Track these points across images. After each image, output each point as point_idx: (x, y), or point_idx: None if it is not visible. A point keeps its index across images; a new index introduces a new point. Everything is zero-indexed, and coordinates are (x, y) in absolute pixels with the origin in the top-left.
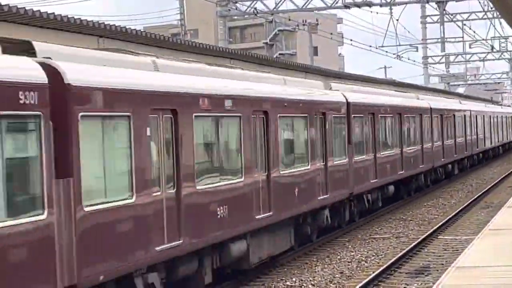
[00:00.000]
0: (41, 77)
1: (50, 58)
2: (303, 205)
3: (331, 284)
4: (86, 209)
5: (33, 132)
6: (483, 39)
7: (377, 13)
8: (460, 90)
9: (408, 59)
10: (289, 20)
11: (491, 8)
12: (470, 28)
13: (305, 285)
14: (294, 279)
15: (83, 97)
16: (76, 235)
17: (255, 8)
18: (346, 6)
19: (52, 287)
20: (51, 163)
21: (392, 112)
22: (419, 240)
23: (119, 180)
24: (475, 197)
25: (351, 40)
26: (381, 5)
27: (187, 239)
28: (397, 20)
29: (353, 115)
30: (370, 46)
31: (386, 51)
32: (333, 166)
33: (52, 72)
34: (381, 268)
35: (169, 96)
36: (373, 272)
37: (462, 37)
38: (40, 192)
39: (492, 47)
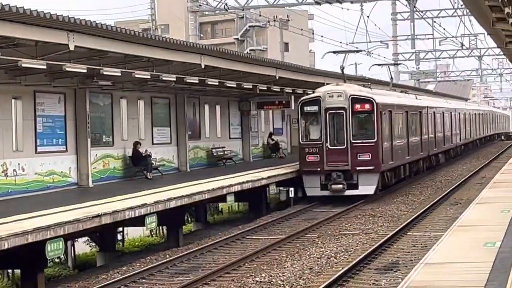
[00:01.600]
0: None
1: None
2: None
3: (301, 280)
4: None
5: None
6: (453, 37)
7: (347, 9)
8: (430, 87)
9: (379, 55)
10: (260, 16)
11: (461, 6)
12: (440, 26)
13: (274, 281)
14: (263, 275)
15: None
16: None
17: (226, 4)
18: (317, 3)
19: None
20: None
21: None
22: (388, 236)
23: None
24: (444, 193)
25: (322, 36)
26: (352, 2)
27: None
28: (368, 17)
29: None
30: (341, 43)
31: (357, 48)
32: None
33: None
34: (350, 264)
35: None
36: (342, 268)
37: (432, 34)
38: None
39: (462, 45)
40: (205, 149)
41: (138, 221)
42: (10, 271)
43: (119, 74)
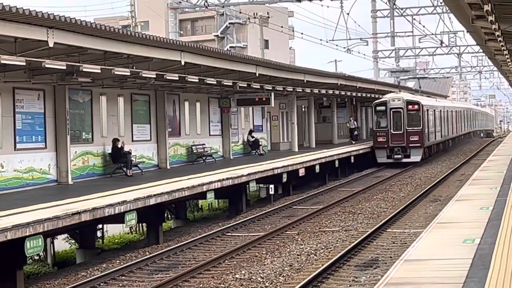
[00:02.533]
0: (419, 103)
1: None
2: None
3: (281, 277)
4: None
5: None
6: (432, 34)
7: (328, 7)
8: (410, 84)
9: (358, 53)
10: (240, 13)
11: (441, 3)
12: (419, 23)
13: (254, 277)
14: (243, 272)
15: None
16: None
17: (206, 1)
18: (297, 0)
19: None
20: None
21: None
22: (368, 233)
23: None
24: (424, 190)
25: (302, 33)
26: None
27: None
28: (348, 14)
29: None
30: (321, 40)
31: (337, 45)
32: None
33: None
34: (330, 261)
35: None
36: (322, 265)
37: (412, 31)
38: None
39: (441, 42)
40: (185, 146)
41: (118, 218)
42: None
43: (99, 71)
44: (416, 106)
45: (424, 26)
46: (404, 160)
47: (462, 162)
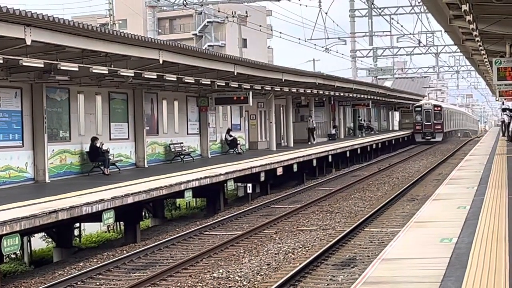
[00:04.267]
0: (441, 106)
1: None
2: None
3: (258, 276)
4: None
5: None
6: (410, 34)
7: (306, 6)
8: (388, 83)
9: (337, 52)
10: (219, 11)
11: (419, 3)
12: (398, 23)
13: (232, 276)
14: (221, 271)
15: (444, 109)
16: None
17: None
18: None
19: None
20: (444, 117)
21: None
22: (345, 232)
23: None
24: (401, 190)
25: (281, 32)
26: None
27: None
28: (326, 13)
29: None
30: (299, 39)
31: (315, 44)
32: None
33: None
34: (308, 260)
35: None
36: (300, 264)
37: (390, 31)
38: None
39: (419, 42)
40: (163, 145)
41: (95, 217)
42: None
43: (77, 69)
44: (439, 108)
45: (402, 26)
46: (432, 140)
47: (440, 161)
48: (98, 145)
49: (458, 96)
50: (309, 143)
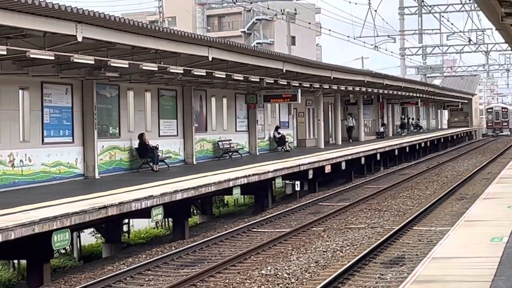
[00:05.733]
0: (508, 108)
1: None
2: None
3: (306, 273)
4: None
5: None
6: (460, 31)
7: (355, 3)
8: (437, 82)
9: (386, 50)
10: (268, 9)
11: (469, 1)
12: (448, 20)
13: (280, 273)
14: (269, 268)
15: (510, 110)
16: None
17: None
18: None
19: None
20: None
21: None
22: (394, 230)
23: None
24: (450, 188)
25: (329, 30)
26: None
27: None
28: (375, 11)
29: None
30: (348, 37)
31: (364, 42)
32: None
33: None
34: (356, 258)
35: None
36: (348, 262)
37: (440, 29)
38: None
39: (469, 40)
40: (211, 142)
41: (144, 213)
42: (16, 261)
43: (127, 66)
44: (505, 109)
45: (452, 24)
46: (500, 134)
47: (489, 160)
48: (146, 141)
49: (508, 94)
50: (350, 141)
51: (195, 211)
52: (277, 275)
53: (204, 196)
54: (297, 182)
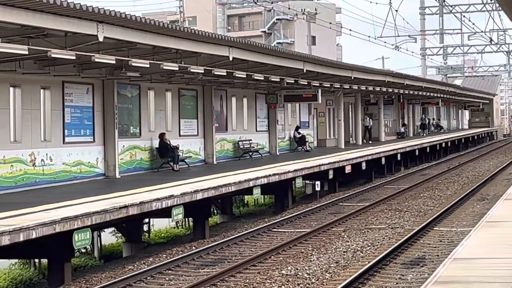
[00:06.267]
0: None
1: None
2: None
3: (327, 274)
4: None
5: None
6: (481, 31)
7: (376, 3)
8: (458, 82)
9: (406, 50)
10: (288, 9)
11: (491, 0)
12: (469, 20)
13: (300, 274)
14: (289, 268)
15: None
16: None
17: None
18: None
19: None
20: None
21: None
22: (414, 231)
23: None
24: (471, 189)
25: (350, 30)
26: None
27: None
28: (396, 11)
29: None
30: (369, 37)
31: (385, 42)
32: None
33: None
34: (377, 259)
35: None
36: (369, 262)
37: (461, 29)
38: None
39: (491, 40)
40: (231, 142)
41: (165, 213)
42: (37, 260)
43: (147, 66)
44: None
45: (473, 24)
46: None
47: (510, 161)
48: (167, 141)
49: None
50: (370, 142)
51: (215, 211)
52: (298, 275)
53: (224, 196)
54: (318, 182)
